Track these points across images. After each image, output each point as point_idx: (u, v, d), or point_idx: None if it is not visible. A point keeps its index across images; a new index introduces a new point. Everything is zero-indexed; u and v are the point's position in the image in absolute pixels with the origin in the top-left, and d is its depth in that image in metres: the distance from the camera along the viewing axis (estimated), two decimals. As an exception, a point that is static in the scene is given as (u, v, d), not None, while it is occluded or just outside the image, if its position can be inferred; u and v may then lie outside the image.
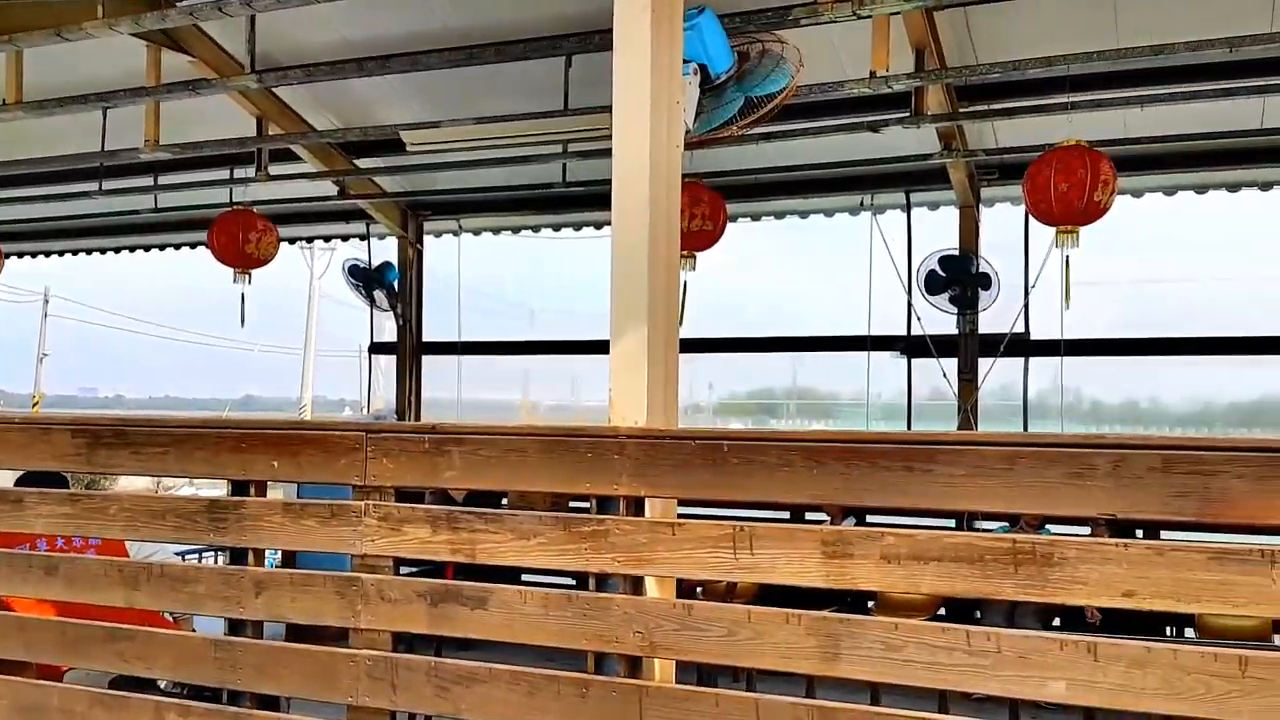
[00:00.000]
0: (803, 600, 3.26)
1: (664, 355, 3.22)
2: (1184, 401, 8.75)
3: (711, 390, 10.62)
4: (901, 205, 8.18)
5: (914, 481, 2.68)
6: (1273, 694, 2.28)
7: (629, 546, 2.93)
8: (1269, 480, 2.38)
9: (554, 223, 9.44)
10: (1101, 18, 6.04)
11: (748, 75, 3.57)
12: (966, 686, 2.59)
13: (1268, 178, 7.43)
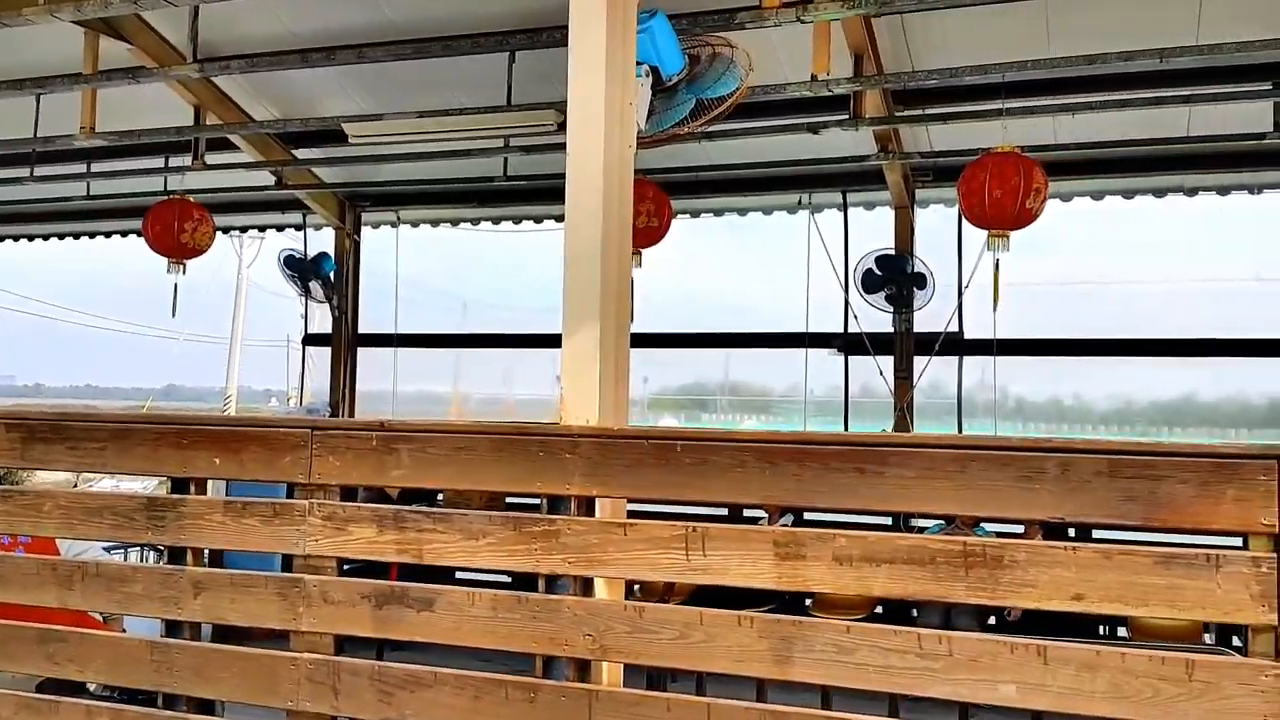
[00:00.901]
0: (739, 599, 3.27)
1: (615, 353, 3.20)
2: (1107, 400, 9.00)
3: (645, 384, 10.61)
4: (839, 205, 8.27)
5: (865, 483, 2.69)
6: (1219, 697, 2.34)
7: (580, 547, 2.90)
8: (1213, 485, 2.43)
9: (494, 216, 9.36)
10: (1035, 27, 6.16)
11: (699, 78, 3.58)
12: (919, 690, 2.61)
13: (1193, 183, 7.66)
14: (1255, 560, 2.37)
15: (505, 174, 7.97)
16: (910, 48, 6.55)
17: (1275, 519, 2.37)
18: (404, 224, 9.66)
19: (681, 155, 7.46)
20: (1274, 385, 8.53)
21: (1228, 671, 2.36)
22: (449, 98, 7.19)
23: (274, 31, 6.94)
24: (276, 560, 4.95)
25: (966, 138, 7.08)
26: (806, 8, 4.67)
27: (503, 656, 3.06)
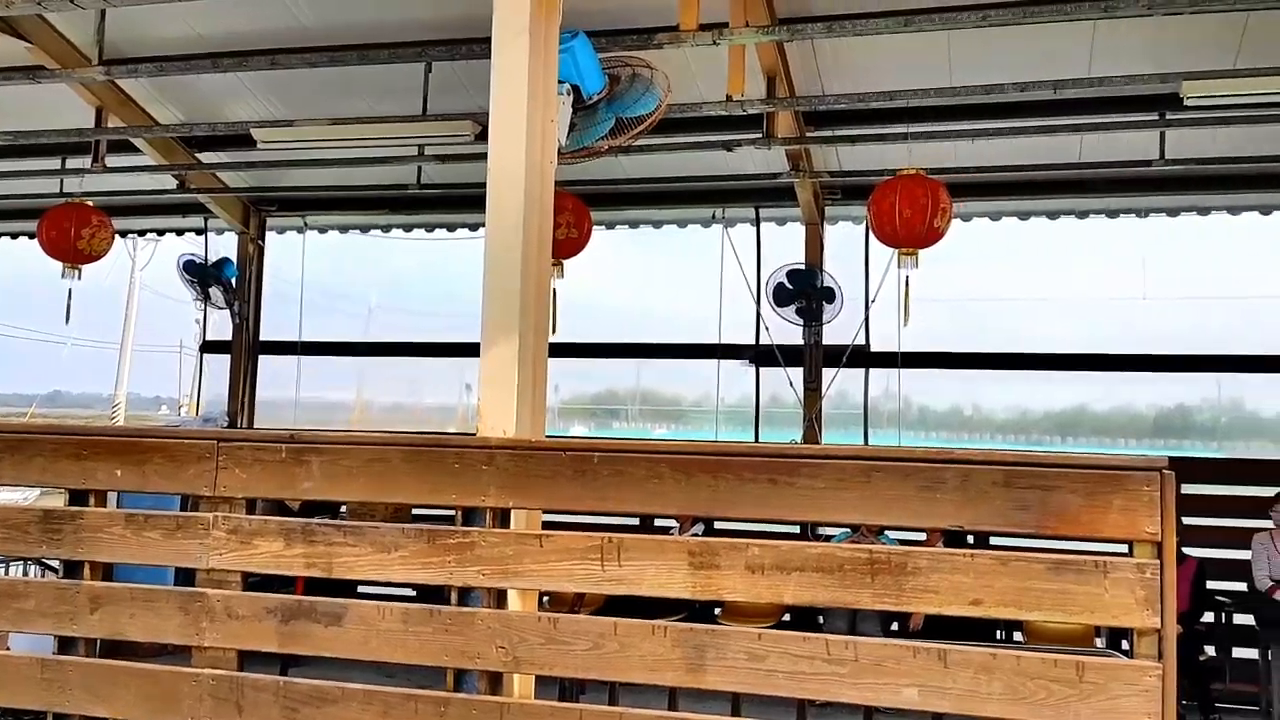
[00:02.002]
0: (649, 608, 3.31)
1: (534, 365, 3.22)
2: (1005, 410, 9.33)
3: (557, 392, 10.61)
4: (751, 220, 8.41)
5: (778, 493, 2.76)
6: (1107, 697, 2.46)
7: (496, 559, 2.90)
8: (1101, 495, 2.55)
9: (405, 223, 9.26)
10: (938, 57, 6.40)
11: (619, 97, 3.64)
12: (826, 695, 2.68)
13: (1084, 207, 7.99)
14: (1140, 567, 2.50)
15: (419, 182, 7.92)
16: (821, 72, 6.72)
17: (1158, 527, 2.50)
18: (311, 230, 9.50)
19: (599, 168, 7.50)
20: (1160, 397, 8.93)
21: (1115, 673, 2.48)
22: (362, 104, 7.12)
23: (181, 34, 6.78)
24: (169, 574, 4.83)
25: (873, 159, 7.29)
26: (722, 31, 4.78)
27: (405, 671, 3.04)
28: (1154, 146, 6.71)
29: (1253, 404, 8.99)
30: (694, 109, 5.82)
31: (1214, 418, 8.99)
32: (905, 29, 4.88)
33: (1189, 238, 8.07)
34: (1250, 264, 8.04)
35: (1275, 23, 5.73)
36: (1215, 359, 7.99)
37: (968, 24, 4.90)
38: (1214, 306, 8.13)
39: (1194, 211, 7.87)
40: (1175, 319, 8.04)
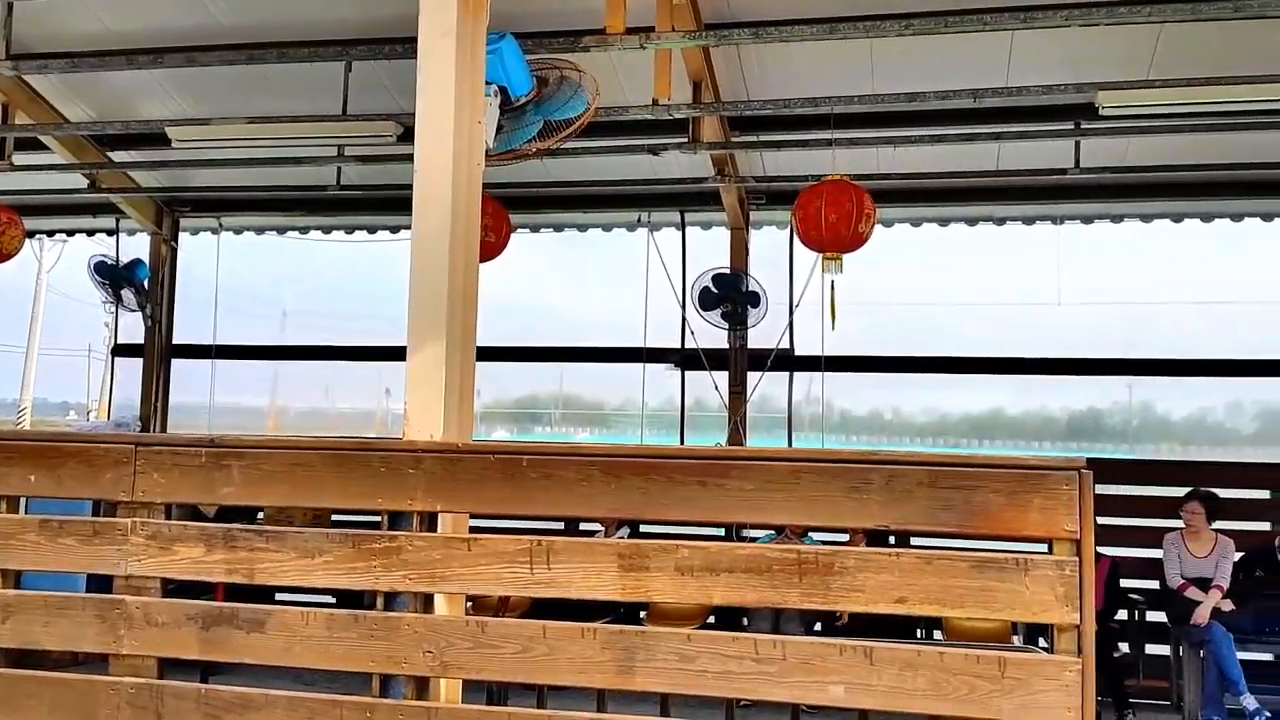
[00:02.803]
0: (576, 611, 3.29)
1: (461, 368, 3.19)
2: (924, 414, 9.51)
3: (479, 396, 10.52)
4: (677, 224, 8.44)
5: (708, 495, 2.77)
6: (1028, 692, 2.51)
7: (423, 563, 2.87)
8: (1021, 495, 2.62)
9: (324, 225, 9.10)
10: (860, 65, 6.50)
11: (547, 100, 3.63)
12: (756, 694, 2.69)
13: (1001, 213, 8.19)
14: (1059, 564, 2.56)
15: (339, 183, 7.79)
16: (746, 78, 6.78)
17: (1077, 525, 2.57)
18: (226, 231, 9.28)
19: (522, 171, 7.47)
20: (1073, 400, 9.18)
21: (1036, 668, 2.54)
22: (280, 103, 6.98)
23: (93, 30, 6.57)
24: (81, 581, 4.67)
25: (798, 164, 7.37)
26: (649, 35, 4.80)
27: (334, 677, 2.99)
28: (1069, 155, 6.91)
29: (1163, 407, 9.31)
30: (620, 112, 5.83)
31: (1125, 420, 9.28)
32: (830, 36, 4.95)
33: (1102, 244, 8.31)
34: (1161, 270, 8.34)
35: (1187, 35, 5.94)
36: (1126, 363, 8.24)
37: (890, 32, 4.98)
38: (1126, 311, 8.40)
39: (1107, 219, 8.11)
40: (1088, 324, 8.29)
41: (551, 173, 7.74)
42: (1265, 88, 5.55)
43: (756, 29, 5.10)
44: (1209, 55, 5.96)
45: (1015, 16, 5.02)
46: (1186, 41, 6.02)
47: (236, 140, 6.62)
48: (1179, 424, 9.32)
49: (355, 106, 6.31)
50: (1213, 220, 7.94)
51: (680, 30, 5.20)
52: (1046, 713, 2.51)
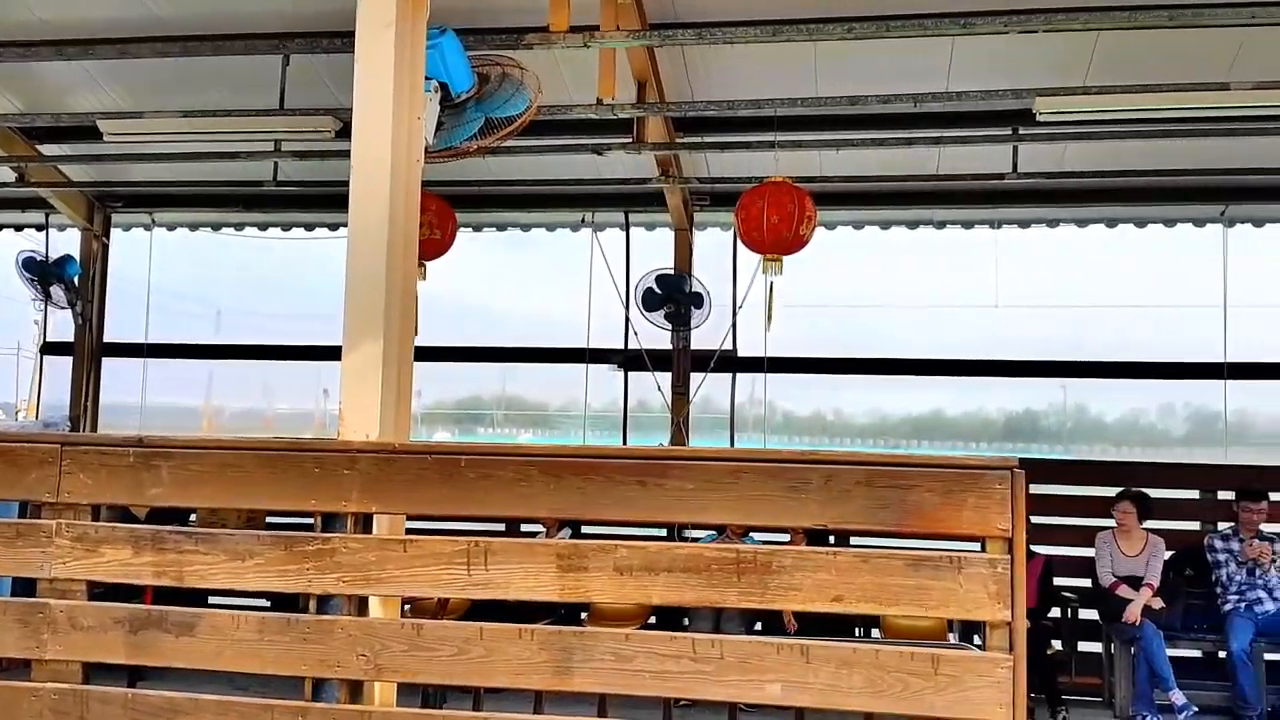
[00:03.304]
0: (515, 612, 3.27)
1: (398, 368, 3.15)
2: (866, 415, 9.59)
3: (420, 397, 10.41)
4: (621, 224, 8.44)
5: (648, 495, 2.76)
6: (961, 689, 2.55)
7: (357, 565, 2.83)
8: (956, 494, 2.65)
9: (261, 222, 8.94)
10: (804, 68, 6.55)
11: (488, 97, 3.59)
12: (693, 693, 2.70)
13: (942, 217, 8.30)
14: (992, 562, 2.60)
15: (275, 179, 7.66)
16: (691, 79, 6.80)
17: (1009, 524, 2.60)
18: (159, 227, 9.08)
19: (465, 169, 7.41)
20: (1010, 402, 9.31)
21: (969, 665, 2.57)
22: (216, 97, 6.84)
23: (20, 18, 6.38)
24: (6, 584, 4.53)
25: (741, 166, 7.41)
26: (593, 34, 4.78)
27: (267, 681, 2.93)
28: (1007, 160, 7.01)
29: (1097, 409, 9.47)
30: (563, 111, 5.80)
31: (1061, 422, 9.43)
32: (773, 38, 4.98)
33: (1039, 248, 8.46)
34: (1095, 275, 8.49)
35: (1123, 43, 6.06)
36: (1061, 365, 8.38)
37: (833, 35, 5.02)
38: (1061, 315, 8.54)
39: (1044, 224, 8.26)
40: (1025, 326, 8.41)
41: (495, 171, 7.69)
42: (1196, 95, 5.69)
43: (700, 30, 5.11)
44: (1144, 63, 6.10)
45: (955, 22, 5.09)
46: (1122, 50, 6.15)
47: (170, 134, 6.47)
48: (1113, 425, 9.51)
49: (293, 101, 6.20)
50: (1146, 226, 8.13)
51: (625, 30, 5.20)
52: (979, 709, 2.54)
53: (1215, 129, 6.33)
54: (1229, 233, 7.99)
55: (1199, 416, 8.76)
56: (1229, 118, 6.16)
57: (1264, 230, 8.05)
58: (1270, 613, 6.36)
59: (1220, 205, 7.85)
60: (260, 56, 6.07)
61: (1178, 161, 7.13)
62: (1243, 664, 6.15)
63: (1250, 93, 5.59)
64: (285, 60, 6.04)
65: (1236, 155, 7.06)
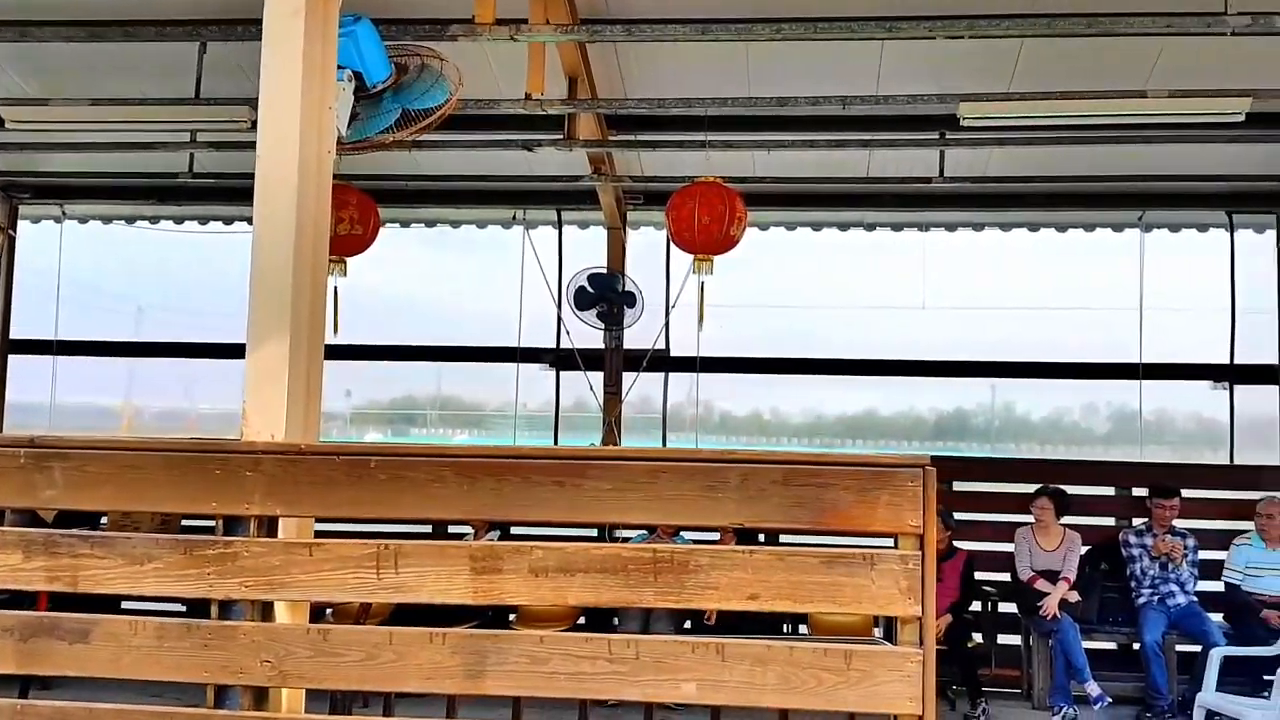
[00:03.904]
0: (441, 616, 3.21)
1: (307, 366, 3.06)
2: (801, 414, 9.64)
3: (349, 397, 10.24)
4: (553, 222, 8.38)
5: (565, 496, 2.73)
6: (873, 684, 2.56)
7: (261, 569, 2.75)
8: (870, 492, 2.66)
9: (177, 214, 8.68)
10: (736, 68, 6.55)
11: (406, 87, 3.51)
12: (608, 694, 2.67)
13: (872, 219, 8.39)
14: (904, 559, 2.61)
15: (191, 170, 7.43)
16: (624, 76, 6.76)
17: (921, 521, 2.62)
18: (70, 219, 8.79)
19: (390, 163, 7.27)
20: (940, 402, 9.44)
21: (880, 660, 2.59)
22: (129, 86, 6.62)
23: (-89, -1, 6.11)
24: None
25: (675, 165, 7.38)
26: (520, 28, 4.71)
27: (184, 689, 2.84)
28: (934, 164, 7.10)
29: (1023, 408, 9.63)
30: (491, 106, 5.72)
31: (989, 421, 9.58)
32: (702, 37, 4.97)
33: (965, 251, 8.59)
34: (1020, 278, 8.65)
35: (1046, 51, 6.16)
36: (989, 366, 8.53)
37: (762, 36, 5.02)
38: (987, 317, 8.67)
39: (970, 227, 8.39)
40: (952, 328, 8.53)
41: (423, 166, 7.57)
42: (1114, 103, 5.79)
43: (630, 26, 5.07)
44: (1067, 71, 6.20)
45: (881, 25, 5.12)
46: (1046, 57, 6.25)
47: (80, 123, 6.24)
48: (1039, 424, 9.68)
49: (210, 90, 6.03)
50: (1067, 230, 8.30)
51: (554, 24, 5.14)
52: (889, 703, 2.56)
53: (1132, 136, 6.47)
54: (1146, 238, 8.19)
55: (1120, 416, 8.95)
56: (1146, 125, 6.30)
57: (1179, 235, 8.27)
58: (1181, 606, 6.53)
59: (1138, 211, 8.04)
60: (177, 44, 5.89)
61: (1097, 168, 7.28)
62: (1155, 655, 6.31)
63: (1165, 100, 5.71)
64: (202, 48, 5.87)
65: (1153, 162, 7.23)
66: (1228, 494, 7.36)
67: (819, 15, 5.17)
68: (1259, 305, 8.03)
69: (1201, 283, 8.31)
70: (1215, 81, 5.87)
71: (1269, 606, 6.44)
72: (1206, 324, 8.24)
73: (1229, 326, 8.10)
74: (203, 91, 6.05)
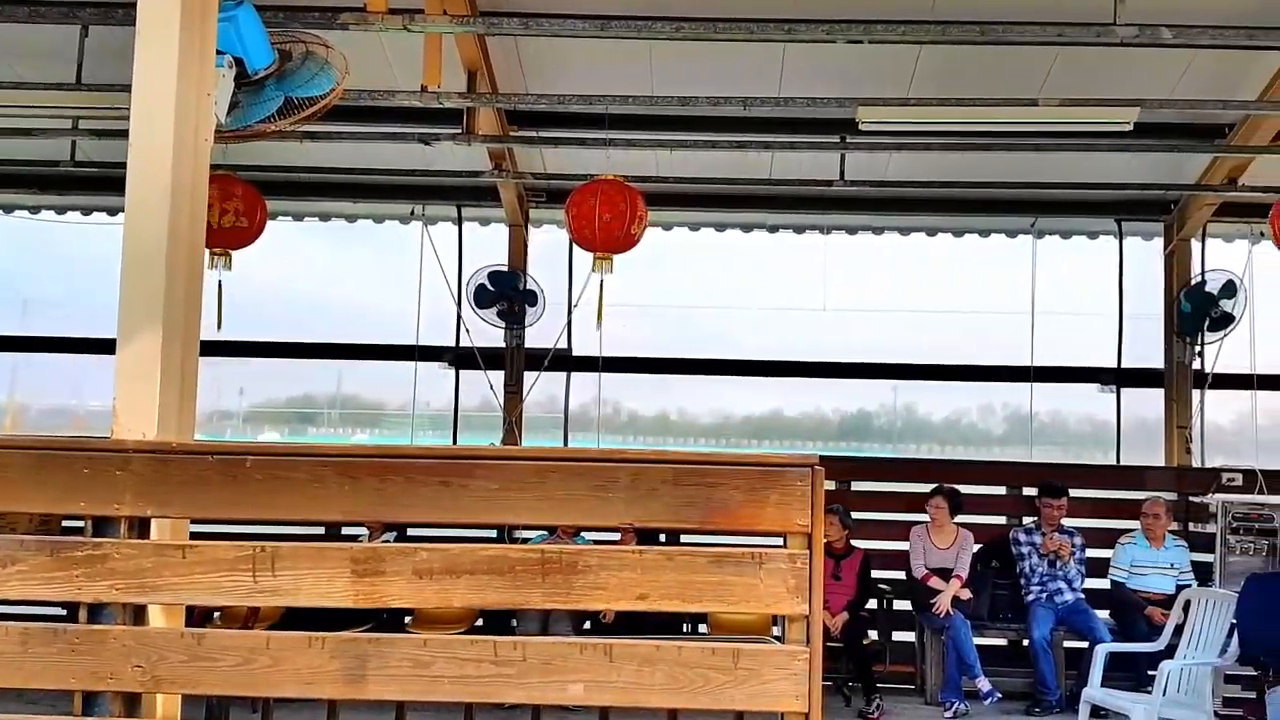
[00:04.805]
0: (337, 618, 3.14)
1: (181, 362, 2.95)
2: (708, 415, 9.71)
3: (243, 396, 9.98)
4: (453, 218, 8.25)
5: (451, 496, 2.68)
6: (760, 682, 2.57)
7: (132, 572, 2.64)
8: (759, 491, 2.66)
9: (59, 204, 8.32)
10: (639, 67, 6.56)
11: (289, 75, 3.40)
12: (494, 697, 2.64)
13: (774, 221, 8.46)
14: (792, 557, 2.62)
15: (74, 158, 7.12)
16: (525, 71, 6.70)
17: (809, 520, 2.63)
18: (-59, 208, 8.38)
19: (282, 155, 7.06)
20: (844, 403, 9.59)
21: (767, 658, 2.59)
22: (3, 69, 6.32)
23: None
24: None
25: (578, 163, 7.34)
26: (414, 18, 4.62)
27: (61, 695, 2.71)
28: (835, 167, 7.19)
29: (924, 409, 9.85)
30: (386, 97, 5.59)
31: (891, 422, 9.78)
32: (601, 33, 4.94)
33: (866, 254, 8.74)
34: (917, 281, 8.84)
35: (944, 58, 6.29)
36: (891, 367, 8.68)
37: (662, 34, 5.01)
38: (886, 319, 8.83)
39: (870, 231, 8.52)
40: (853, 330, 8.68)
41: (316, 158, 7.35)
42: (1007, 110, 5.94)
43: (528, 20, 5.01)
44: (964, 78, 6.34)
45: (780, 27, 5.16)
46: (943, 64, 6.39)
47: (-48, 107, 5.94)
48: (938, 425, 9.93)
49: (93, 75, 5.78)
50: (963, 235, 8.50)
51: (450, 15, 5.06)
52: (776, 700, 2.57)
53: (1026, 144, 6.64)
54: (1038, 244, 8.43)
55: (1015, 417, 9.21)
56: (1038, 133, 6.47)
57: (1070, 241, 8.55)
58: (1069, 603, 6.73)
59: (1031, 217, 8.27)
60: (59, 27, 5.64)
61: (993, 174, 7.46)
62: (1043, 651, 6.49)
63: (1056, 109, 5.88)
64: (84, 31, 5.63)
65: (1047, 170, 7.45)
66: (1114, 493, 7.63)
67: (719, 15, 5.19)
68: (1146, 311, 8.31)
69: (1091, 288, 8.60)
70: (1105, 92, 6.07)
71: (1153, 604, 6.68)
72: (1096, 328, 8.53)
73: (1117, 331, 8.39)
74: (85, 77, 5.79)
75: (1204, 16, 5.33)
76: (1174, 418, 7.98)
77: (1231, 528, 6.97)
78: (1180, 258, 8.07)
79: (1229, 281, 7.66)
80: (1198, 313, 7.74)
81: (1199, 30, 5.11)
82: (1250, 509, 7.00)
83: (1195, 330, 7.82)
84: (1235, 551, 6.94)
